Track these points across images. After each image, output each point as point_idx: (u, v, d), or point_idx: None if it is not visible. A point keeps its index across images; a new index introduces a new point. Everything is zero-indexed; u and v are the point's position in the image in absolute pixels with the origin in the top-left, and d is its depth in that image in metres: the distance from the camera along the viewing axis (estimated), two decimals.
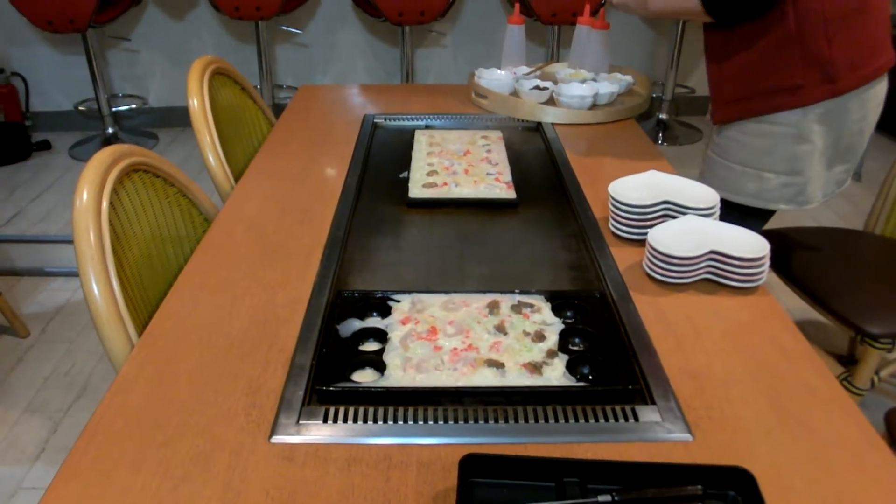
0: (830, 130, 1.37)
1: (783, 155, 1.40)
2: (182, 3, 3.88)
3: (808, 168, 1.41)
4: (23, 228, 3.11)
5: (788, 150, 1.39)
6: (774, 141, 1.39)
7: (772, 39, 1.32)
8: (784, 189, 1.43)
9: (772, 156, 1.41)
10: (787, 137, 1.38)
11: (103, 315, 0.99)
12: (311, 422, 0.82)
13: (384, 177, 1.47)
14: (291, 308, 1.02)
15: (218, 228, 1.25)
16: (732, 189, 1.44)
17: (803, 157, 1.39)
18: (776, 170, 1.41)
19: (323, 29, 4.01)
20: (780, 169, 1.41)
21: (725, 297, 1.05)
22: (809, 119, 1.36)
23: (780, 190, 1.43)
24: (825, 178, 1.44)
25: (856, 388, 1.69)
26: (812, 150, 1.38)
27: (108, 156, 1.13)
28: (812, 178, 1.42)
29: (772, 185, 1.42)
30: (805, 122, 1.36)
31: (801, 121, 1.36)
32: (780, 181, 1.42)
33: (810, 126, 1.36)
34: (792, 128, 1.37)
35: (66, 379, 2.20)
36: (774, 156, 1.41)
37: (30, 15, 3.37)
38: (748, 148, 1.42)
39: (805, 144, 1.38)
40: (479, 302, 1.01)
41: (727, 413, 0.83)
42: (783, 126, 1.38)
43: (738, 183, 1.44)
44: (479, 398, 0.85)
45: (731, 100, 1.43)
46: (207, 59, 1.70)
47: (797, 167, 1.40)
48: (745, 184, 1.44)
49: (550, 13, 3.40)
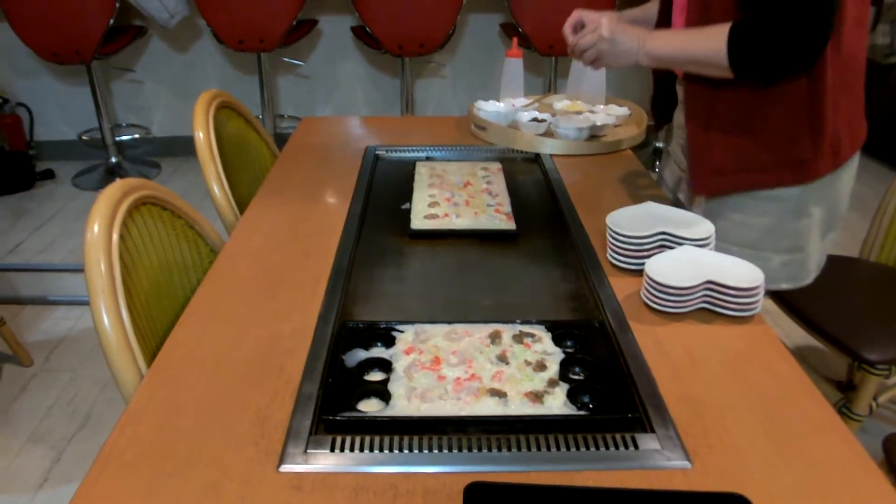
0: (828, 202, 1.31)
1: (785, 233, 1.31)
2: (186, 35, 3.95)
3: (808, 243, 1.33)
4: (27, 257, 3.13)
5: (790, 227, 1.31)
6: (776, 219, 1.30)
7: (779, 108, 1.22)
8: (784, 268, 1.34)
9: (774, 234, 1.31)
10: (788, 214, 1.29)
11: (113, 346, 1.01)
12: (319, 451, 0.83)
13: (386, 208, 1.50)
14: (297, 339, 1.04)
15: (224, 261, 1.28)
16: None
17: (804, 233, 1.32)
18: (778, 248, 1.32)
19: (324, 60, 4.08)
20: (782, 247, 1.32)
21: (722, 326, 1.08)
22: (809, 193, 1.28)
23: (781, 270, 1.34)
24: (821, 249, 1.38)
25: (854, 414, 1.71)
26: (811, 224, 1.31)
27: (119, 189, 1.16)
28: (811, 253, 1.35)
29: (773, 265, 1.31)
30: (805, 196, 1.28)
31: (801, 195, 1.28)
32: (781, 260, 1.33)
33: (809, 199, 1.29)
34: (792, 203, 1.29)
35: (70, 408, 2.21)
36: (777, 234, 1.31)
37: (35, 46, 3.43)
38: (749, 228, 1.32)
39: (805, 219, 1.30)
40: (482, 332, 1.03)
41: (725, 441, 0.85)
42: (784, 202, 1.29)
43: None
44: (482, 427, 0.87)
45: (720, 170, 1.31)
46: (213, 92, 1.74)
47: (798, 244, 1.33)
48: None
49: (547, 45, 3.46)
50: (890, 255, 1.89)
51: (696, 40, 1.21)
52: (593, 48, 1.32)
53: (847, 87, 1.22)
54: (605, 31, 1.29)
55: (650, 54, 1.28)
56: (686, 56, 1.24)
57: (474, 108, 1.93)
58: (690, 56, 1.23)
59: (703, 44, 1.19)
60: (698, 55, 1.21)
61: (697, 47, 1.21)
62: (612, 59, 1.32)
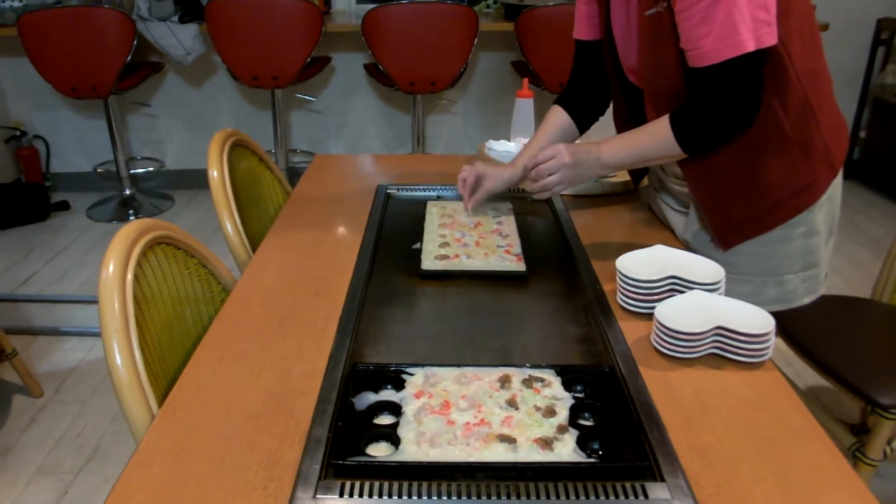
0: (828, 211, 1.38)
1: (800, 253, 1.37)
2: (201, 71, 4.02)
3: (819, 257, 1.40)
4: (40, 288, 3.16)
5: (803, 246, 1.37)
6: (791, 243, 1.36)
7: (768, 148, 1.29)
8: (803, 284, 1.40)
9: (791, 258, 1.37)
10: (800, 235, 1.36)
11: (125, 386, 1.02)
12: (328, 496, 0.83)
13: (397, 248, 1.51)
14: (307, 381, 1.05)
15: (235, 300, 1.29)
16: (755, 301, 1.14)
17: (815, 249, 1.38)
18: (794, 269, 1.38)
19: (337, 96, 4.13)
20: (797, 267, 1.38)
21: (732, 371, 1.08)
22: (816, 210, 1.34)
23: (800, 287, 1.40)
24: (828, 257, 1.44)
25: (868, 458, 1.69)
26: (820, 238, 1.38)
27: (134, 230, 1.18)
28: (822, 263, 1.42)
29: (793, 285, 1.39)
30: (813, 214, 1.34)
31: (809, 215, 1.34)
32: (799, 278, 1.39)
33: (817, 216, 1.35)
34: (803, 225, 1.35)
35: (78, 441, 2.21)
36: (793, 257, 1.37)
37: (55, 82, 3.50)
38: (767, 258, 1.38)
39: (815, 237, 1.37)
40: (491, 376, 1.03)
41: (736, 491, 0.85)
42: (796, 227, 1.35)
43: (760, 294, 1.39)
44: (491, 473, 0.87)
45: (740, 224, 1.36)
46: (227, 131, 1.77)
47: (812, 260, 1.39)
48: (767, 292, 1.39)
49: (558, 83, 3.50)
50: None
51: (644, 140, 1.32)
52: (557, 174, 1.38)
53: (826, 104, 1.30)
54: (567, 157, 1.36)
55: (607, 165, 1.37)
56: (640, 156, 1.35)
57: (485, 147, 1.95)
58: (644, 155, 1.34)
59: (651, 140, 1.30)
60: (651, 152, 1.32)
61: (648, 145, 1.31)
62: (577, 180, 1.41)
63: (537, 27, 3.43)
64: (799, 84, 1.25)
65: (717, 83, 1.20)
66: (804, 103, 1.26)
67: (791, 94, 1.25)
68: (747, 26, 1.13)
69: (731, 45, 1.15)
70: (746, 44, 1.14)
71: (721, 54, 1.16)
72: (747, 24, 1.13)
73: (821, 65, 1.30)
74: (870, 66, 4.19)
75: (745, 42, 1.14)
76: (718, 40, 1.15)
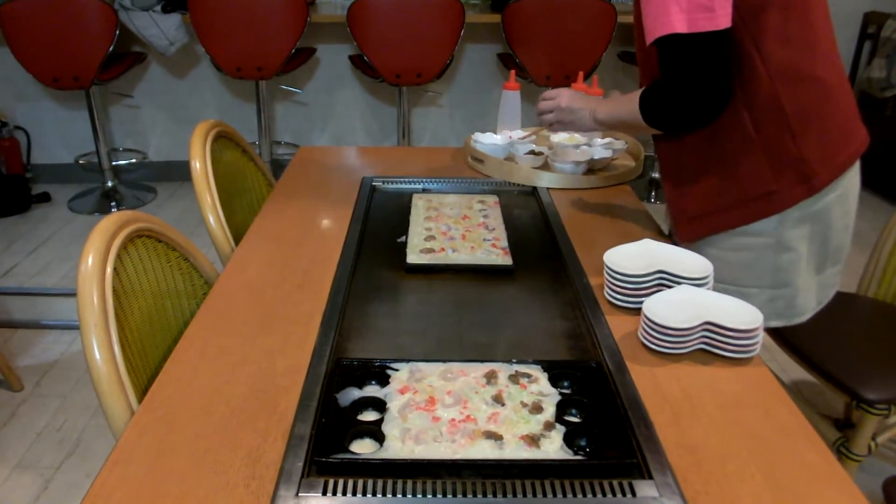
0: (815, 234, 1.30)
1: (765, 267, 1.32)
2: (184, 62, 3.97)
3: (794, 278, 1.33)
4: (20, 280, 3.12)
5: (770, 261, 1.31)
6: (754, 254, 1.32)
7: (730, 146, 1.26)
8: (771, 304, 1.34)
9: (753, 270, 1.33)
10: (768, 248, 1.30)
11: (104, 381, 1.00)
12: (311, 494, 0.82)
13: (382, 241, 1.49)
14: (291, 376, 1.03)
15: (218, 294, 1.27)
16: None
17: (787, 268, 1.32)
18: (760, 284, 1.33)
19: (322, 88, 4.10)
20: (764, 283, 1.33)
21: (720, 367, 1.07)
22: (788, 225, 1.28)
23: (766, 306, 1.32)
24: (816, 284, 1.37)
25: (853, 454, 1.69)
26: (797, 258, 1.31)
27: (114, 223, 1.16)
28: (801, 288, 1.34)
29: (757, 301, 1.25)
30: (783, 228, 1.28)
31: (779, 228, 1.28)
32: (765, 296, 1.33)
33: (790, 232, 1.28)
34: (770, 237, 1.29)
35: (59, 435, 2.18)
36: (756, 270, 1.32)
37: (36, 72, 3.44)
38: (727, 265, 1.33)
39: (787, 253, 1.30)
40: (477, 371, 1.02)
41: (724, 487, 0.84)
42: (761, 237, 1.30)
43: None
44: (477, 471, 0.86)
45: (696, 216, 1.35)
46: (210, 122, 1.74)
47: (782, 279, 1.33)
48: None
49: (545, 76, 3.48)
50: (888, 290, 1.89)
51: (628, 105, 1.33)
52: (553, 114, 1.52)
53: (814, 113, 1.23)
54: (563, 101, 1.49)
55: (598, 121, 1.44)
56: (623, 120, 1.37)
57: (471, 140, 1.94)
58: (626, 120, 1.35)
59: (630, 107, 1.31)
60: (631, 118, 1.32)
61: (629, 111, 1.32)
62: (571, 125, 1.51)
63: (524, 19, 3.41)
64: (770, 84, 1.21)
65: (664, 61, 1.21)
66: (775, 106, 1.22)
67: (758, 94, 1.22)
68: (680, 7, 1.14)
69: (661, 24, 1.16)
70: (675, 24, 1.14)
71: (653, 33, 1.18)
72: (681, 6, 1.13)
73: (817, 71, 1.23)
74: (856, 60, 4.21)
75: (672, 23, 1.14)
76: (653, 20, 1.18)
